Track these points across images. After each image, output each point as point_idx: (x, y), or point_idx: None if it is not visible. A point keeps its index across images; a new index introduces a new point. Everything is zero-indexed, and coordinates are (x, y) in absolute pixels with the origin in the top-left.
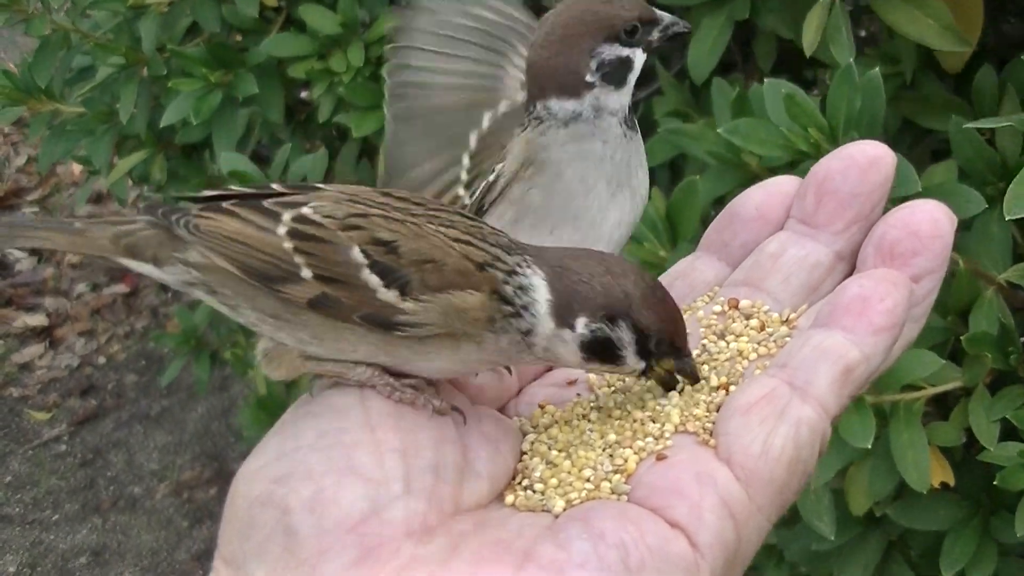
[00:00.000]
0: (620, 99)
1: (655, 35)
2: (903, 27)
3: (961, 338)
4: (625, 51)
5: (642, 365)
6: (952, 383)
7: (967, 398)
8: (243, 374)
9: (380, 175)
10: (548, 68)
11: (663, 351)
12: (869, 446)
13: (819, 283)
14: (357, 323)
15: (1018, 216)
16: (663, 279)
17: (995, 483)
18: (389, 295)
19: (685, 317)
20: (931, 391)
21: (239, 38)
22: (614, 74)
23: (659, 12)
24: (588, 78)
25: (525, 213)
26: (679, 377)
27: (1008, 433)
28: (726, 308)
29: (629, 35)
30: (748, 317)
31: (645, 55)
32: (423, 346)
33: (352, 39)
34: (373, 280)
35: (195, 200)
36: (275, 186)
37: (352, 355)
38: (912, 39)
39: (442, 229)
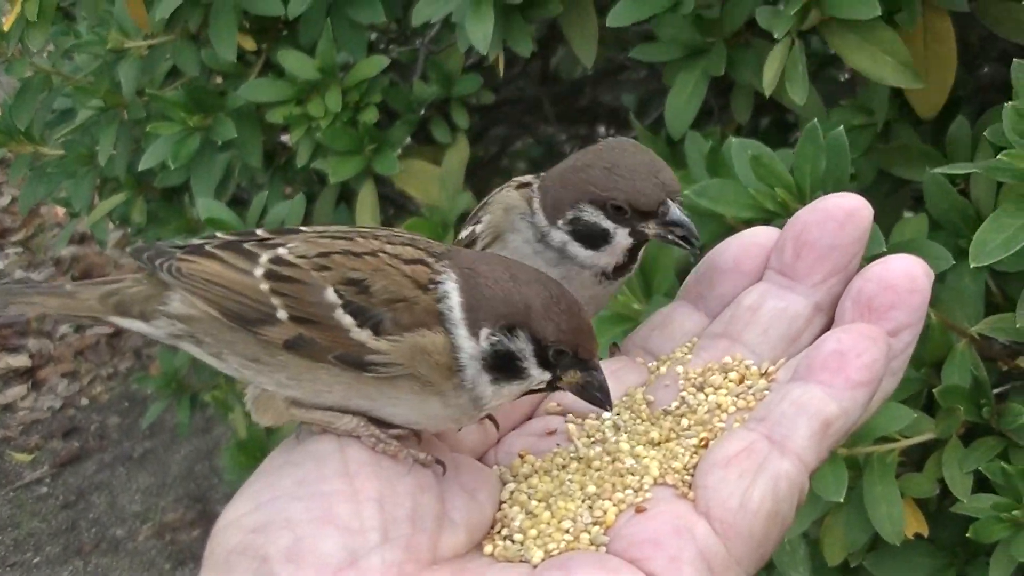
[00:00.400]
0: (594, 259)
1: (651, 227)
2: (861, 65)
3: (934, 390)
4: (606, 223)
5: (547, 377)
6: (926, 435)
7: (941, 449)
8: (225, 416)
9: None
10: (549, 185)
11: (566, 363)
12: (841, 499)
13: (798, 335)
14: (332, 363)
15: (984, 264)
16: (641, 329)
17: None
18: (362, 335)
19: (664, 369)
20: (905, 443)
21: (220, 80)
22: (586, 236)
23: (672, 211)
24: (560, 223)
25: None
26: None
27: (982, 484)
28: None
29: (616, 211)
30: (727, 370)
31: (632, 239)
32: (393, 389)
33: (330, 84)
34: (347, 320)
35: (183, 248)
36: (259, 232)
37: (328, 397)
38: (870, 76)
39: (398, 249)
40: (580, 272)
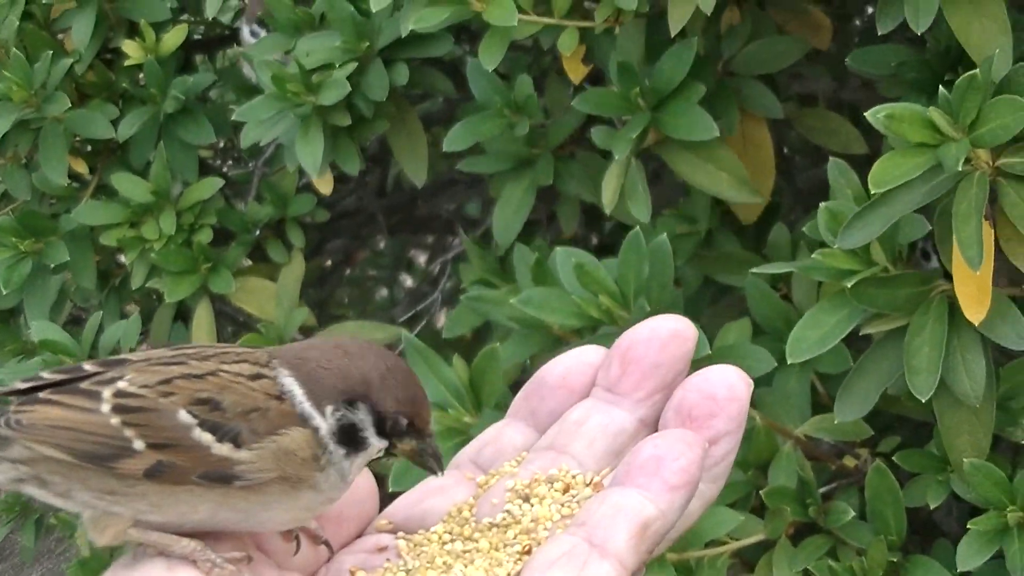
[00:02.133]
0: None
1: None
2: (699, 181)
3: (761, 492)
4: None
5: (384, 444)
6: (755, 536)
7: (771, 550)
8: (70, 537)
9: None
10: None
11: (402, 432)
12: None
13: (623, 448)
14: (196, 483)
15: (800, 360)
16: (473, 445)
17: None
18: (224, 448)
19: (493, 482)
20: (735, 545)
21: (54, 202)
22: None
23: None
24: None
25: None
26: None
27: None
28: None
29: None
30: (553, 480)
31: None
32: (263, 496)
33: (164, 206)
34: (206, 438)
35: (10, 394)
36: (86, 366)
37: (193, 517)
38: (708, 192)
39: (236, 368)
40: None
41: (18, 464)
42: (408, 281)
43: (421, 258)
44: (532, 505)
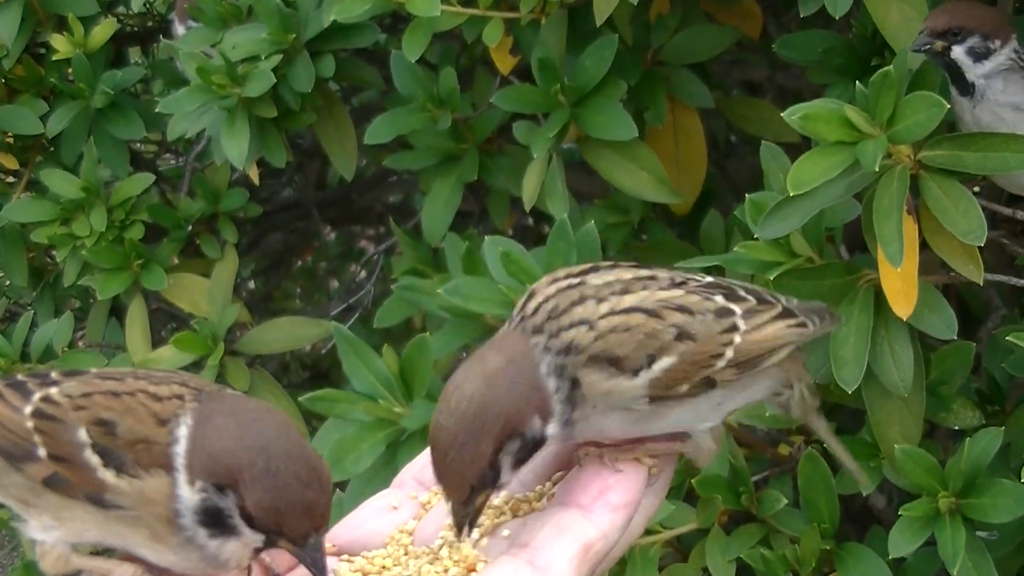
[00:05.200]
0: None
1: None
2: (619, 180)
3: (693, 480)
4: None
5: (260, 539)
6: (688, 525)
7: (704, 539)
8: (12, 537)
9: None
10: None
11: (273, 537)
12: None
13: (563, 465)
14: (84, 501)
15: None
16: (416, 462)
17: None
18: (107, 475)
19: (435, 501)
20: (668, 534)
21: None
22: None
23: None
24: None
25: None
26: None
27: (745, 571)
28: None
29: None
30: (491, 504)
31: None
32: (134, 533)
33: (95, 203)
34: (94, 460)
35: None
36: (53, 374)
37: (87, 535)
38: (629, 192)
39: (161, 389)
40: None
41: None
42: (363, 273)
43: (371, 248)
44: (471, 528)
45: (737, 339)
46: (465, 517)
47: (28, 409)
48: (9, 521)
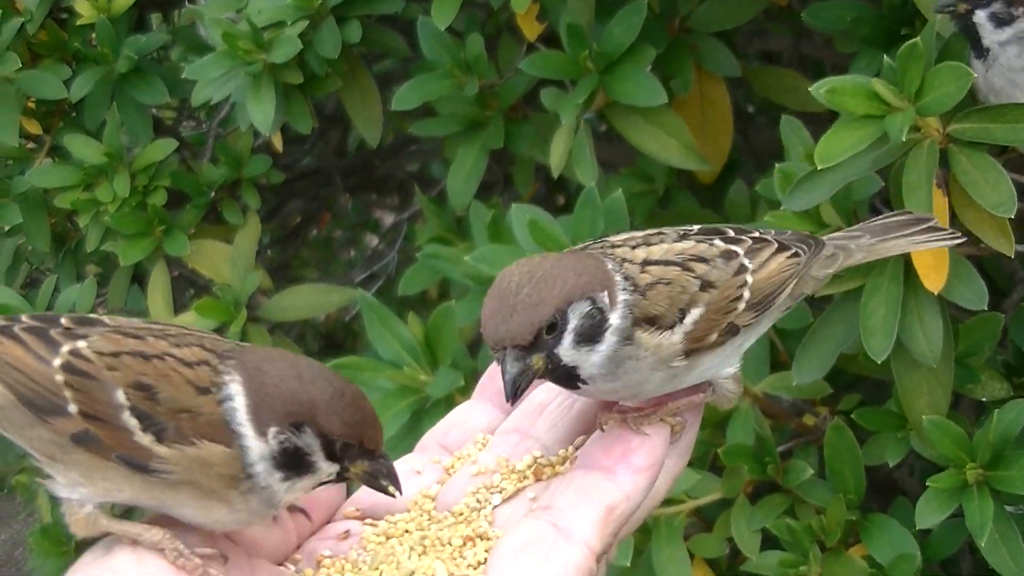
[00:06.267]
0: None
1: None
2: (647, 146)
3: (719, 450)
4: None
5: (335, 468)
6: (713, 495)
7: (729, 509)
8: (30, 501)
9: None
10: None
11: (353, 454)
12: (628, 564)
13: (586, 428)
14: (116, 462)
15: None
16: (440, 426)
17: None
18: (145, 439)
19: (458, 465)
20: (692, 504)
21: (9, 163)
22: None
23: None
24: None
25: None
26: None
27: (771, 542)
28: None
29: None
30: (516, 463)
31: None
32: (177, 494)
33: (118, 168)
34: (132, 423)
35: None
36: (63, 320)
37: (119, 496)
38: (656, 159)
39: (184, 352)
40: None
41: None
42: (375, 241)
43: (388, 219)
44: (493, 493)
45: (749, 279)
46: (520, 375)
47: (57, 362)
48: (30, 484)
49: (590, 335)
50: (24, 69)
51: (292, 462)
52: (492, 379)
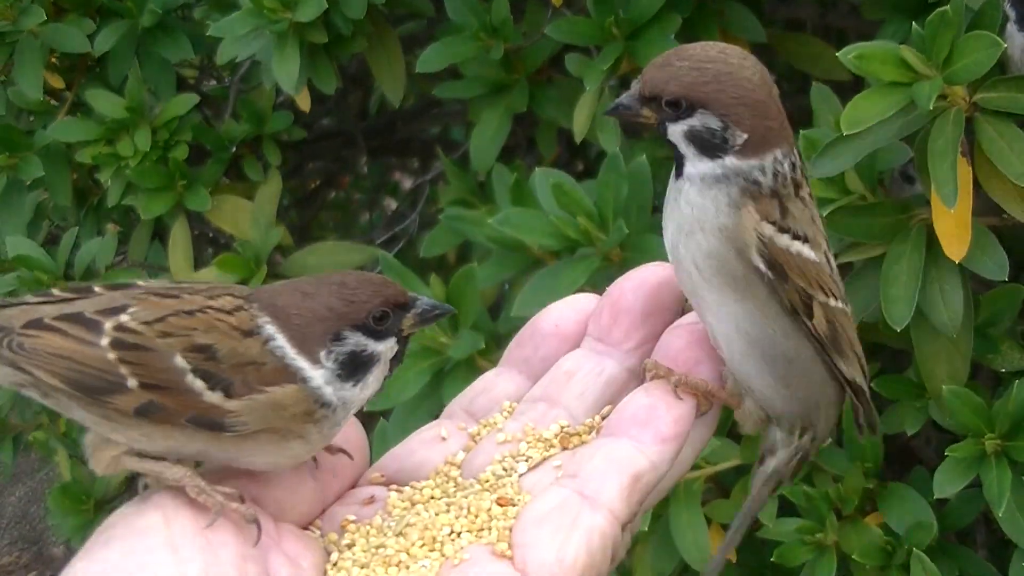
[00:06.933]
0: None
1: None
2: None
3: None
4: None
5: (391, 342)
6: (731, 461)
7: (746, 475)
8: (49, 457)
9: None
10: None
11: (395, 319)
12: (646, 528)
13: (613, 397)
14: (186, 425)
15: None
16: (467, 393)
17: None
18: (214, 397)
19: (484, 433)
20: (711, 469)
21: (32, 118)
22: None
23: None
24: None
25: None
26: None
27: (788, 509)
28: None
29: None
30: (543, 432)
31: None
32: (252, 442)
33: (140, 123)
34: (198, 384)
35: (10, 305)
36: (97, 288)
37: (184, 451)
38: None
39: (220, 302)
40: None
41: (19, 371)
42: (394, 205)
43: (407, 182)
44: (519, 461)
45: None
46: (624, 107)
47: (104, 341)
48: (47, 441)
49: (699, 144)
50: (48, 22)
51: (354, 367)
52: (519, 346)
